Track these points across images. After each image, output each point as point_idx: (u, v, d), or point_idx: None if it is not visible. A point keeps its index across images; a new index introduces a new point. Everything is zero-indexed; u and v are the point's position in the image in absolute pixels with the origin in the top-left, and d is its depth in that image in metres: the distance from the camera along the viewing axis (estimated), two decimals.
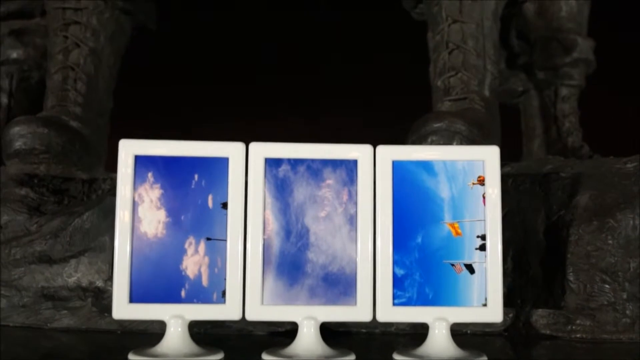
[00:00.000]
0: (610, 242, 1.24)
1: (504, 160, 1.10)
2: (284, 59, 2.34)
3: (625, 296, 1.22)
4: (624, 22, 2.24)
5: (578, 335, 1.23)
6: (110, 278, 1.25)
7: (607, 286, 1.23)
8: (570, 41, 1.91)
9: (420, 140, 1.43)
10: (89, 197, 1.42)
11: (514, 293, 1.26)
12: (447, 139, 1.40)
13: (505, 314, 1.08)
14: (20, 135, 1.48)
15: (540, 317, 1.25)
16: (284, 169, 1.07)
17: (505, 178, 1.10)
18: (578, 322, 1.23)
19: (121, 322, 1.25)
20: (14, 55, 1.91)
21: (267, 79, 2.32)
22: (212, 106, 2.32)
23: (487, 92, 1.58)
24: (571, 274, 1.24)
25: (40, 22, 1.89)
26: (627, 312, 1.22)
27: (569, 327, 1.23)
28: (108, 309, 1.20)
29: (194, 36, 2.33)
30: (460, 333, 1.20)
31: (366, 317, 1.05)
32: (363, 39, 2.34)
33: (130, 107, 1.88)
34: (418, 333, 1.20)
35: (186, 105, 2.34)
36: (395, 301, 1.06)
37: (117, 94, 1.76)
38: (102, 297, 1.27)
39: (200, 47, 2.34)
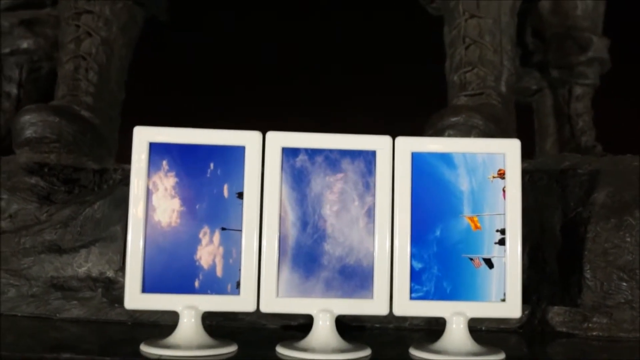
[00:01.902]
0: (628, 239, 1.22)
1: None
2: (287, 60, 2.33)
3: None
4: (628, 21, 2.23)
5: (594, 333, 1.21)
6: (121, 269, 1.23)
7: (624, 284, 1.21)
8: (585, 40, 1.91)
9: (437, 135, 1.42)
10: (100, 187, 1.40)
11: (530, 290, 1.24)
12: (464, 134, 1.39)
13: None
14: (31, 123, 1.47)
15: (556, 315, 1.23)
16: (301, 159, 1.05)
17: (522, 174, 1.09)
18: (594, 319, 1.22)
19: (132, 313, 1.23)
20: (24, 45, 1.90)
21: (270, 78, 2.30)
22: (228, 107, 2.30)
23: (503, 88, 1.57)
24: (588, 271, 1.23)
25: (51, 12, 1.88)
26: None
27: (585, 324, 1.22)
28: (118, 299, 1.18)
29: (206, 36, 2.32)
30: (475, 329, 1.19)
31: (383, 310, 1.04)
32: (366, 39, 2.33)
33: (141, 100, 1.86)
34: (432, 329, 1.19)
35: (195, 105, 2.33)
36: (413, 295, 1.04)
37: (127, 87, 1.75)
38: (112, 288, 1.25)
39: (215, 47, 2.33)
